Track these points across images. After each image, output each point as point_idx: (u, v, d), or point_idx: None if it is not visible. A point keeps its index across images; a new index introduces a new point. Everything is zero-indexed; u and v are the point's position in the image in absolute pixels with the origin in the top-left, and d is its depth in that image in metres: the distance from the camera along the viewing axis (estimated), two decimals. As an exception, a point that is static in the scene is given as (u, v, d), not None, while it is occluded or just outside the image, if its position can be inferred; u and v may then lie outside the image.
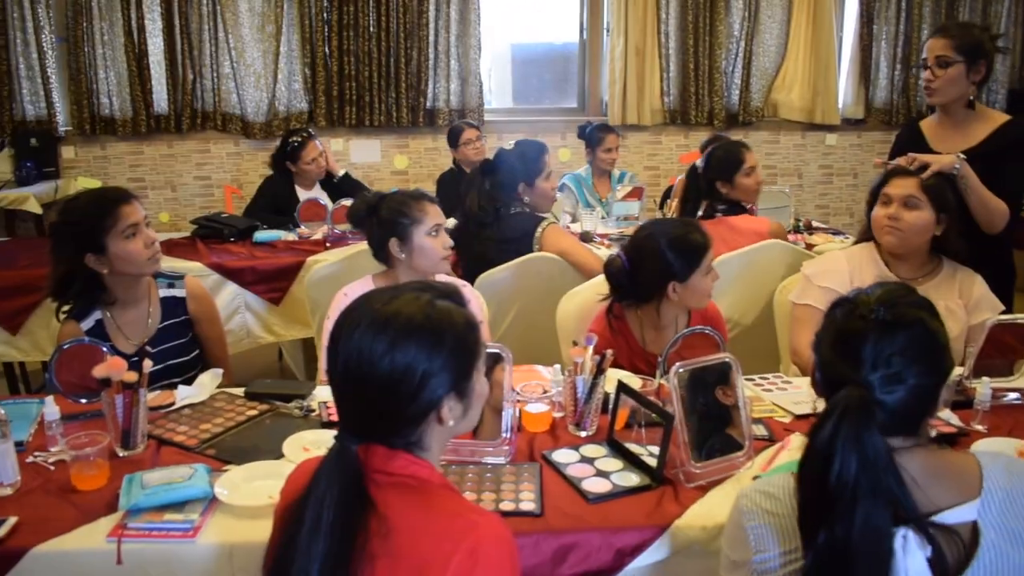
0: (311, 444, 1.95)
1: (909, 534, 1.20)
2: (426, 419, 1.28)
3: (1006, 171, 2.76)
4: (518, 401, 2.06)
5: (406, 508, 1.25)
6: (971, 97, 2.82)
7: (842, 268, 2.60)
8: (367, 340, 1.25)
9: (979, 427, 2.08)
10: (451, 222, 3.09)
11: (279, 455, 1.91)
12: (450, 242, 2.53)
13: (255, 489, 1.76)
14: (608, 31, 6.27)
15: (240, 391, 2.31)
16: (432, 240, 2.48)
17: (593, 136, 4.87)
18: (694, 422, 1.94)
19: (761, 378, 2.40)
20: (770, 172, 6.46)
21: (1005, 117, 2.87)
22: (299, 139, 4.47)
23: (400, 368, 1.24)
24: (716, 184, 3.43)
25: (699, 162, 3.52)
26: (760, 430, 2.03)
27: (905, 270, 2.52)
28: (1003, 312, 2.46)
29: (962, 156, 2.61)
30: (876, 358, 1.24)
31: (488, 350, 1.98)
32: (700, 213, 3.48)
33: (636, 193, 4.46)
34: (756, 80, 6.44)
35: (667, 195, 4.78)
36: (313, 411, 2.17)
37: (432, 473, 1.30)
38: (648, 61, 6.23)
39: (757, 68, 6.43)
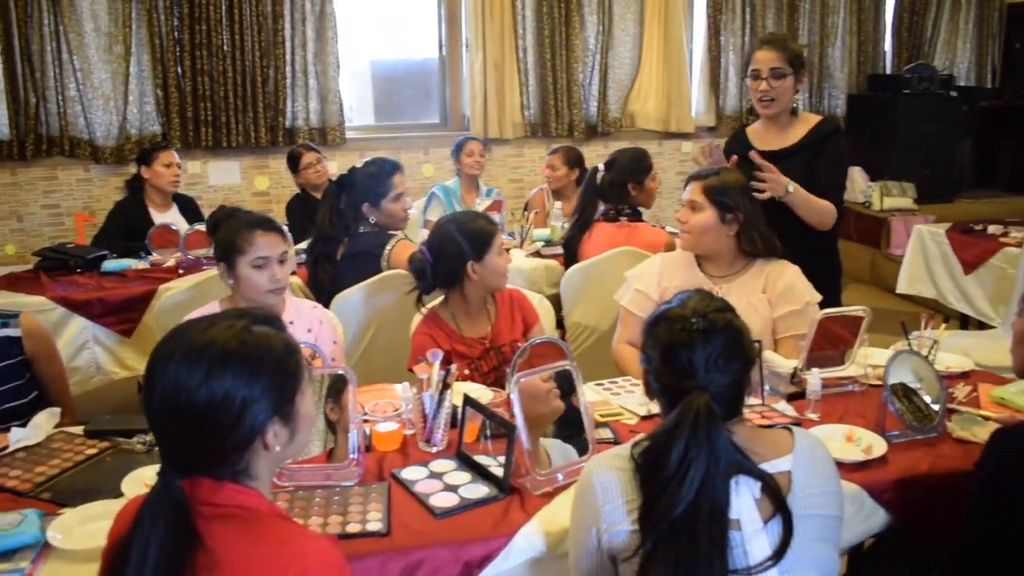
0: (152, 480, 1.88)
1: (740, 479, 1.44)
2: (250, 446, 1.27)
3: (820, 166, 2.95)
4: (367, 421, 2.06)
5: (234, 540, 1.23)
6: (794, 105, 3.02)
7: (653, 271, 2.74)
8: (183, 371, 1.22)
9: (812, 416, 2.20)
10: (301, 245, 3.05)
11: (119, 494, 1.85)
12: (280, 275, 2.43)
13: (91, 532, 1.69)
14: (467, 46, 6.34)
15: (79, 429, 2.21)
16: (255, 272, 2.40)
17: (460, 146, 5.00)
18: (552, 429, 1.99)
19: (610, 382, 2.47)
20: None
21: (818, 118, 3.08)
22: (155, 144, 4.36)
23: (218, 397, 1.22)
24: (629, 186, 3.55)
25: (601, 166, 3.64)
26: (606, 433, 2.09)
27: (714, 269, 2.65)
28: (824, 302, 2.59)
29: (790, 185, 2.80)
30: (705, 363, 1.46)
31: (335, 372, 1.99)
32: (599, 215, 3.59)
33: (496, 206, 4.52)
34: (613, 92, 6.63)
35: (526, 207, 4.87)
36: (156, 445, 2.10)
37: (260, 502, 1.29)
38: (507, 75, 6.32)
39: (613, 80, 6.63)
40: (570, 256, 3.62)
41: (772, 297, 2.58)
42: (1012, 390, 2.30)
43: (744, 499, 1.45)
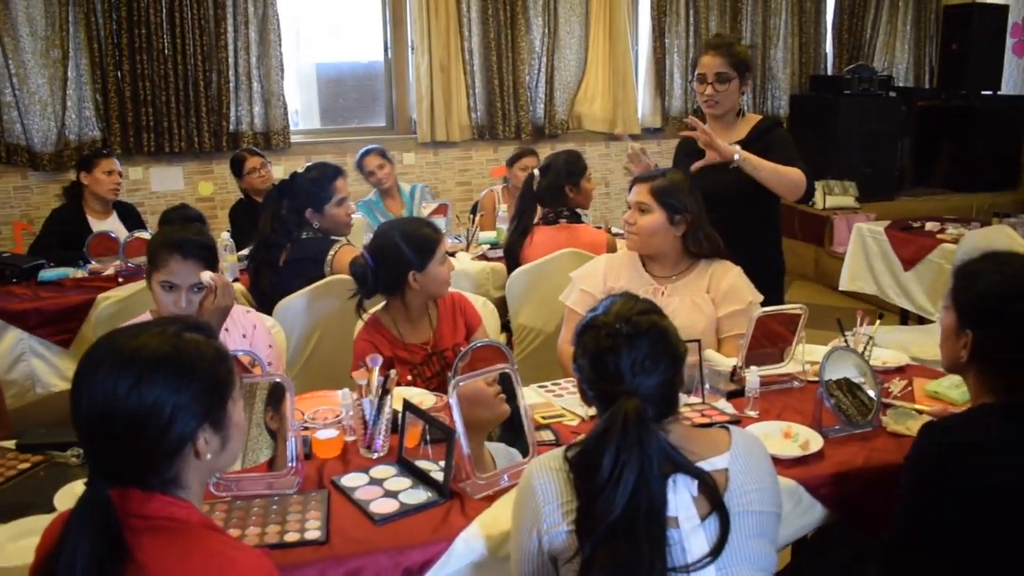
0: (86, 492, 1.85)
1: (678, 478, 1.46)
2: (180, 454, 1.25)
3: (774, 151, 2.97)
4: (307, 428, 2.04)
5: (163, 553, 1.21)
6: (739, 108, 3.09)
7: (598, 271, 2.76)
8: (111, 379, 1.21)
9: (751, 413, 2.22)
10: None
11: (52, 509, 1.80)
12: (186, 304, 2.29)
13: (23, 548, 1.65)
14: (412, 49, 6.32)
15: (12, 444, 2.16)
16: (162, 293, 2.31)
17: (358, 165, 4.87)
18: (498, 432, 1.99)
19: (554, 384, 2.47)
20: (578, 182, 6.67)
21: (759, 117, 3.14)
22: (96, 151, 4.27)
23: (148, 404, 1.21)
24: (566, 188, 3.57)
25: (536, 171, 3.66)
26: (548, 435, 2.09)
27: (659, 269, 2.67)
28: (767, 301, 2.63)
29: (738, 150, 2.82)
30: (632, 366, 1.47)
31: (273, 380, 1.97)
32: (538, 219, 3.59)
33: (441, 210, 4.50)
34: (560, 94, 6.66)
35: (474, 209, 4.86)
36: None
37: (192, 513, 1.27)
38: (454, 78, 6.32)
39: (560, 82, 6.66)
40: (512, 262, 3.63)
41: (716, 297, 2.61)
42: (945, 384, 2.35)
43: (682, 497, 1.46)
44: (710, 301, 2.60)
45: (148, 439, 1.22)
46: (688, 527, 1.45)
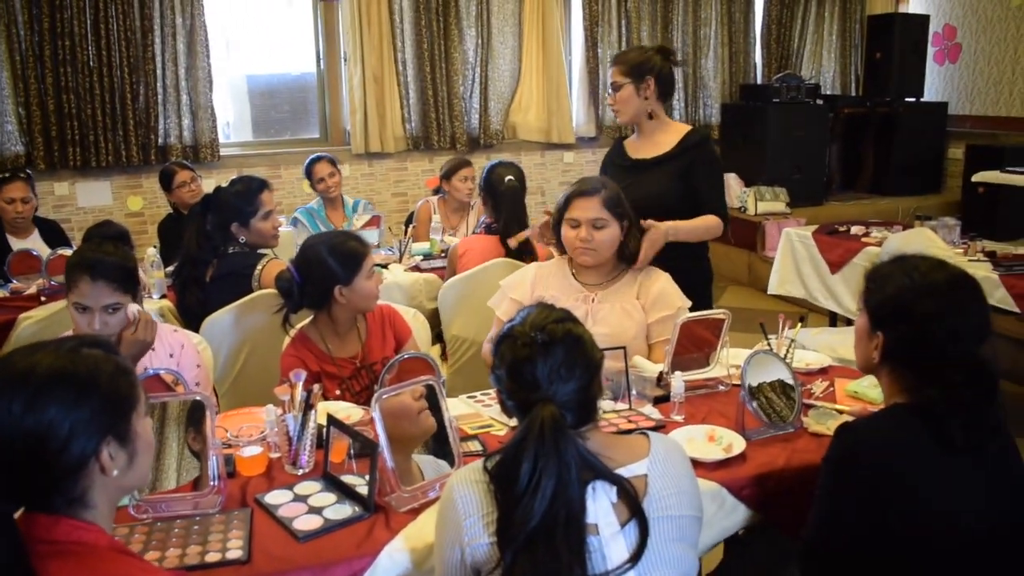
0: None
1: (597, 484, 1.47)
2: (84, 471, 1.22)
3: (698, 175, 3.03)
4: (230, 446, 2.01)
5: None
6: (649, 111, 3.07)
7: (527, 280, 2.77)
8: (3, 401, 1.18)
9: (676, 417, 2.24)
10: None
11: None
12: (100, 326, 2.23)
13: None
14: (345, 60, 6.28)
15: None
16: (76, 314, 2.26)
17: (307, 171, 4.82)
18: (430, 442, 1.98)
19: (483, 394, 2.47)
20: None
21: (687, 127, 3.15)
22: (5, 176, 4.15)
23: (44, 423, 1.18)
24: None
25: (509, 178, 3.70)
26: (475, 445, 2.09)
27: (591, 277, 2.69)
28: (696, 307, 2.66)
29: (665, 232, 2.76)
30: (548, 374, 1.48)
31: (192, 399, 1.93)
32: (480, 228, 3.63)
33: (374, 222, 4.48)
34: (494, 104, 6.69)
35: (409, 220, 4.84)
36: None
37: (99, 536, 1.24)
38: (387, 89, 6.30)
39: (494, 92, 6.68)
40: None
41: (646, 303, 2.64)
42: (864, 384, 2.40)
43: (601, 503, 1.47)
44: (640, 307, 2.63)
45: (48, 458, 1.19)
46: (608, 534, 1.46)
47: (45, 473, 1.20)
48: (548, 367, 1.47)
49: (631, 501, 1.48)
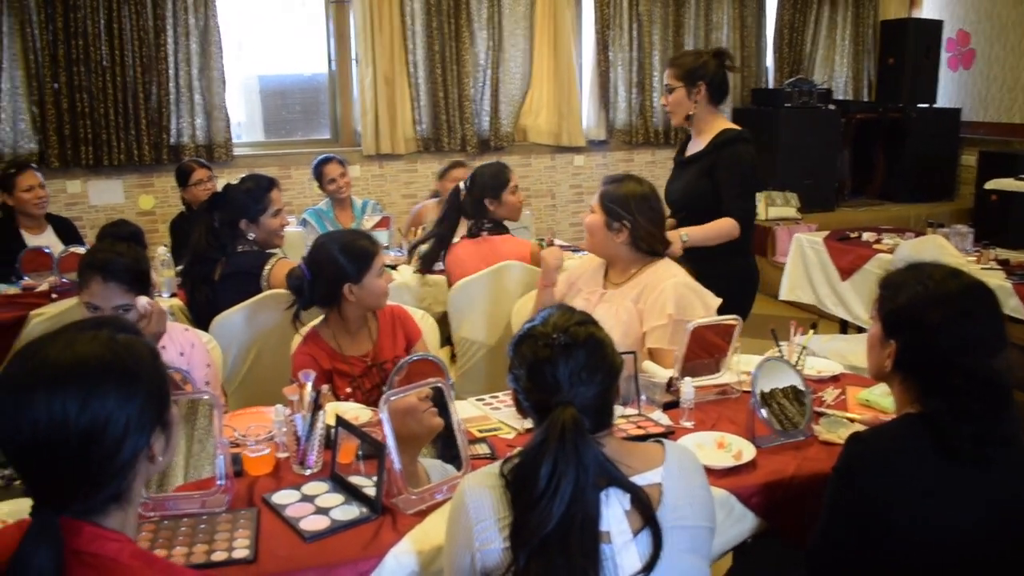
0: (8, 516, 1.80)
1: (610, 491, 1.45)
2: (135, 465, 1.18)
3: (719, 175, 3.14)
4: (237, 445, 2.01)
5: None
6: (689, 113, 3.21)
7: (573, 265, 2.93)
8: (56, 402, 1.10)
9: (686, 424, 2.24)
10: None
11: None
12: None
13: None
14: (356, 61, 6.29)
15: (-70, 466, 2.09)
16: (88, 313, 2.24)
17: (316, 171, 4.80)
18: (437, 446, 1.98)
19: (491, 397, 2.47)
20: (524, 194, 6.68)
21: (725, 127, 3.23)
22: (14, 168, 4.17)
23: (102, 419, 1.12)
24: (485, 201, 3.55)
25: (463, 184, 3.63)
26: (483, 448, 2.08)
27: (614, 274, 2.75)
28: (736, 308, 2.64)
29: (684, 238, 2.98)
30: (570, 376, 1.47)
31: (200, 398, 1.93)
32: (464, 233, 3.58)
33: (383, 223, 4.48)
34: (505, 106, 6.68)
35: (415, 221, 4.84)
36: (16, 479, 2.00)
37: (123, 546, 1.17)
38: (398, 90, 6.30)
39: (505, 95, 6.67)
40: (426, 269, 3.73)
41: (643, 309, 2.64)
42: (877, 392, 2.38)
43: (614, 511, 1.46)
44: (636, 313, 2.62)
45: (102, 456, 1.13)
46: (620, 542, 1.44)
47: (96, 474, 1.14)
48: (570, 369, 1.47)
49: (645, 510, 1.46)
